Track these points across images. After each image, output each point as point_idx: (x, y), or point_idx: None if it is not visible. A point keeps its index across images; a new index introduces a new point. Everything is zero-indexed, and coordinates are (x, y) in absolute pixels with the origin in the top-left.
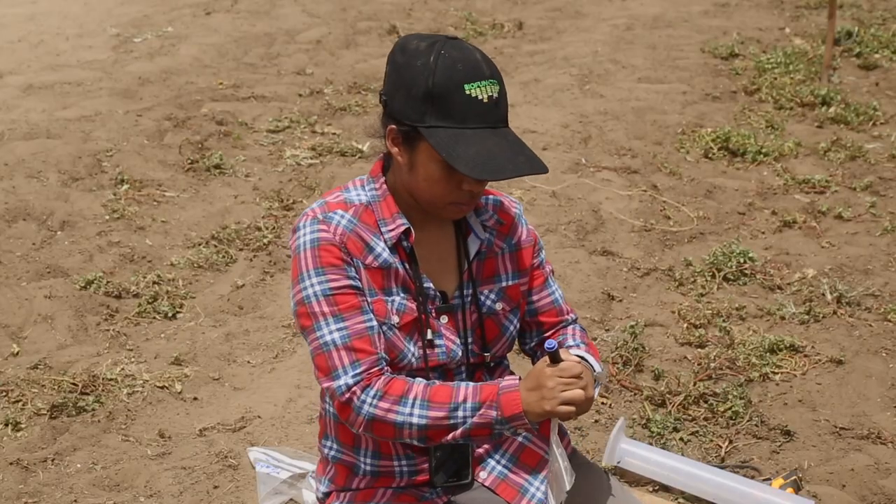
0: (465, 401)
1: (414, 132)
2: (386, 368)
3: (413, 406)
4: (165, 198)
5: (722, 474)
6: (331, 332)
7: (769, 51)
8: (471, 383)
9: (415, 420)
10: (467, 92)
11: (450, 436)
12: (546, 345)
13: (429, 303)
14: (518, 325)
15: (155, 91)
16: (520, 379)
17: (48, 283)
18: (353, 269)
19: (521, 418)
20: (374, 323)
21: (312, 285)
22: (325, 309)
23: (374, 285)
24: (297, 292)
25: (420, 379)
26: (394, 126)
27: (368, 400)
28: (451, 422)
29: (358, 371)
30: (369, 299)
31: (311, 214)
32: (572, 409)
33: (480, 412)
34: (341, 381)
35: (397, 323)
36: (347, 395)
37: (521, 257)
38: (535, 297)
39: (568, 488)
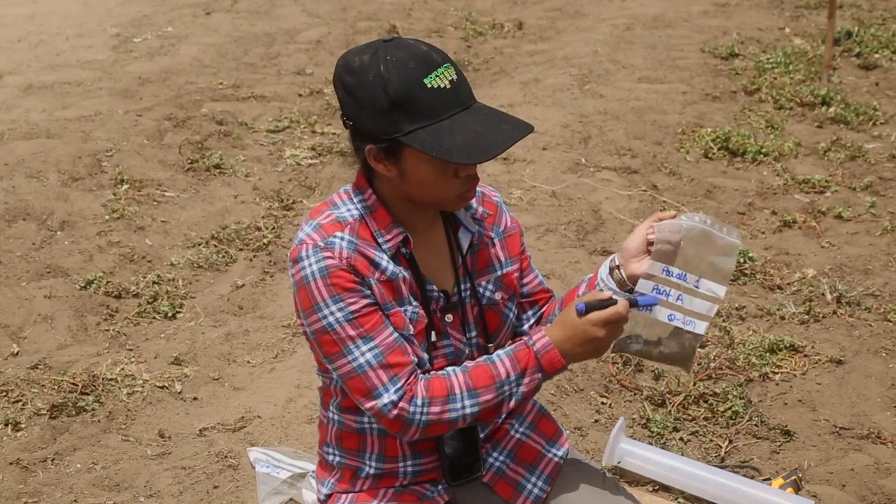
0: (507, 376)
1: (394, 144)
2: (419, 373)
3: (463, 399)
4: (165, 198)
5: (722, 474)
6: (363, 354)
7: (769, 51)
8: (502, 354)
9: (468, 411)
10: (429, 85)
11: (504, 408)
12: (577, 308)
13: (433, 304)
14: (516, 312)
15: (155, 91)
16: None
17: (48, 283)
18: (366, 287)
19: (565, 369)
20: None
21: (332, 313)
22: (352, 332)
23: (389, 297)
24: (313, 321)
25: (452, 368)
26: (372, 146)
27: (419, 409)
28: (501, 398)
29: (399, 385)
30: (387, 313)
31: (310, 242)
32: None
33: (526, 381)
34: (385, 400)
35: (413, 332)
36: (396, 412)
37: (510, 244)
38: (525, 280)
39: (740, 243)
